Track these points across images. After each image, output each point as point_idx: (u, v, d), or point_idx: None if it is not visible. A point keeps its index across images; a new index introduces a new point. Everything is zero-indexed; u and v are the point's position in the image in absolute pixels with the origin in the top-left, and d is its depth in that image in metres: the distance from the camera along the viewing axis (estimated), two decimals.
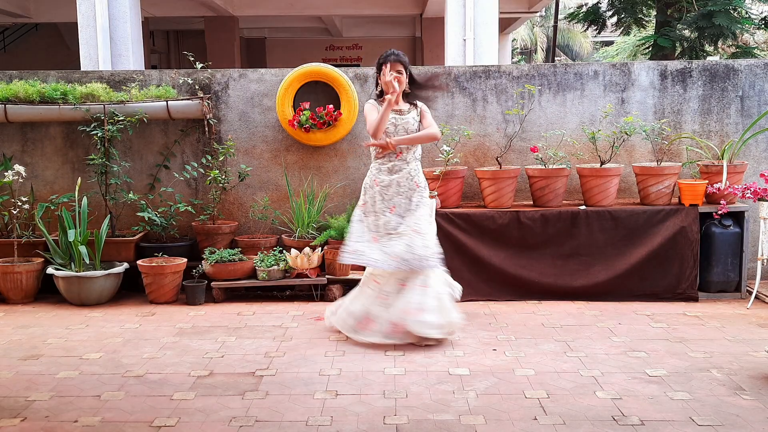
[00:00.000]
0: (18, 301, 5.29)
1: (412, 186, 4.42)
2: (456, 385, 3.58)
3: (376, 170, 4.46)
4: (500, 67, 5.79)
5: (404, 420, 3.19)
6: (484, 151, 5.78)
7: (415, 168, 4.47)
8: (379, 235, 4.39)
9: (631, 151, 5.75)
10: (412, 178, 4.43)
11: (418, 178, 4.46)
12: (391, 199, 4.40)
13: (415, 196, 4.42)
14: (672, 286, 5.16)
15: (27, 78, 5.76)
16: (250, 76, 5.80)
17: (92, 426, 3.16)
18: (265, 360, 3.98)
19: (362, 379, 3.68)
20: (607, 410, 3.27)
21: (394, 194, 4.40)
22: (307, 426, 3.14)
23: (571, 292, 5.16)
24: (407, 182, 4.42)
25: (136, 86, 5.67)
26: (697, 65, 5.76)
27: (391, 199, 4.40)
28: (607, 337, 4.34)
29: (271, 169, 5.85)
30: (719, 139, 5.74)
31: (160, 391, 3.54)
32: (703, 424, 3.12)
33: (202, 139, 5.81)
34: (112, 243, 5.44)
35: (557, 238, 5.20)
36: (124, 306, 5.19)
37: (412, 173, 4.44)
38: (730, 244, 5.18)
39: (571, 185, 5.67)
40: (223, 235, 5.57)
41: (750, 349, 4.09)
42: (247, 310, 5.05)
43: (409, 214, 4.39)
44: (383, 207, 4.41)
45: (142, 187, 5.82)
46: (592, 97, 5.76)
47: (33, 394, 3.53)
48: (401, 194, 4.41)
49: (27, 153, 5.83)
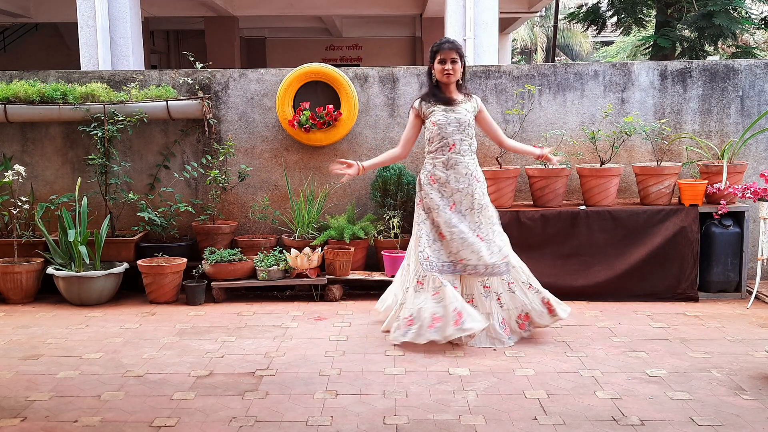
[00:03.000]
0: (18, 301, 5.29)
1: (472, 181, 4.25)
2: (456, 385, 3.58)
3: (431, 166, 4.29)
4: (500, 67, 5.79)
5: (404, 420, 3.19)
6: (484, 151, 5.78)
7: (473, 162, 4.30)
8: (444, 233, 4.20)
9: (631, 151, 5.76)
10: (471, 172, 4.26)
11: (477, 172, 4.29)
12: (451, 196, 4.24)
13: (477, 192, 4.25)
14: (672, 286, 5.17)
15: (27, 78, 5.76)
16: (250, 76, 5.80)
17: (92, 426, 3.16)
18: (265, 360, 3.98)
19: (362, 379, 3.68)
20: (607, 410, 3.27)
21: (454, 190, 4.24)
22: (307, 426, 3.14)
23: (571, 292, 5.16)
24: (466, 177, 4.24)
25: (136, 86, 5.67)
26: (697, 65, 5.76)
27: (451, 196, 4.24)
28: (607, 337, 4.34)
29: (271, 169, 5.85)
30: (719, 139, 5.74)
31: (160, 391, 3.54)
32: (703, 424, 3.12)
33: (202, 139, 5.81)
34: (112, 243, 5.44)
35: (557, 238, 5.20)
36: (124, 306, 5.19)
37: (470, 167, 4.27)
38: (730, 244, 5.18)
39: (571, 185, 5.67)
40: (223, 235, 5.57)
41: (750, 349, 4.09)
42: (247, 310, 5.05)
43: (471, 214, 4.24)
44: (443, 204, 4.23)
45: (142, 187, 5.82)
46: (592, 97, 5.76)
47: (33, 394, 3.52)
48: (461, 190, 4.23)
49: (27, 153, 5.83)
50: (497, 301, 4.26)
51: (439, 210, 4.22)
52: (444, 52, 4.25)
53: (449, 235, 4.19)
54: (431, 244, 4.22)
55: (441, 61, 4.26)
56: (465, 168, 4.25)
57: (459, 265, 4.20)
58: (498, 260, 4.20)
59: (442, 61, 4.25)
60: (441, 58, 4.26)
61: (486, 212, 4.29)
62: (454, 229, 4.18)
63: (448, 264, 4.21)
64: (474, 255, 4.17)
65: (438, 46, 4.29)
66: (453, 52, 4.25)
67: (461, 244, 4.17)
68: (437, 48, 4.29)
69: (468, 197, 4.25)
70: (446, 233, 4.19)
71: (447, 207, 4.23)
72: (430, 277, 4.15)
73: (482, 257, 4.16)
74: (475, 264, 4.18)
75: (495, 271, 4.20)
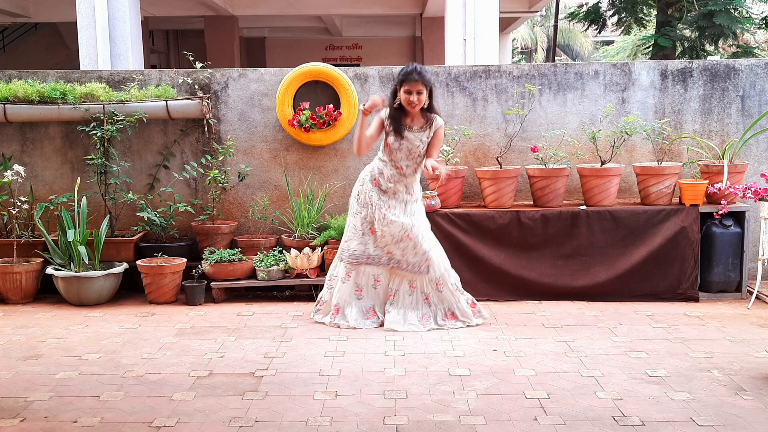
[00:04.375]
0: (17, 302, 5.29)
1: (406, 196, 4.60)
2: (456, 386, 3.57)
3: (378, 171, 4.61)
4: (500, 67, 5.78)
5: (404, 420, 3.18)
6: (485, 151, 5.77)
7: (413, 180, 4.63)
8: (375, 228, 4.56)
9: (632, 151, 5.75)
10: (408, 189, 4.61)
11: (413, 189, 4.64)
12: (388, 200, 4.57)
13: (409, 202, 4.60)
14: (672, 286, 5.16)
15: (26, 78, 5.75)
16: (250, 75, 5.79)
17: (91, 426, 3.16)
18: (265, 360, 3.97)
19: (362, 379, 3.68)
20: (607, 411, 3.26)
21: (391, 197, 4.58)
22: (307, 426, 3.13)
23: (572, 293, 5.16)
24: (402, 192, 4.59)
25: (135, 86, 5.66)
26: (698, 65, 5.75)
27: (387, 200, 4.57)
28: (607, 338, 4.33)
29: (271, 169, 5.84)
30: (720, 139, 5.73)
31: (159, 392, 3.53)
32: (704, 424, 3.12)
33: (201, 138, 5.81)
34: (112, 243, 5.43)
35: (557, 238, 5.19)
36: (123, 306, 5.18)
37: (409, 185, 4.61)
38: (731, 244, 5.18)
39: (572, 185, 5.67)
40: (223, 235, 5.57)
41: (751, 350, 4.08)
42: (247, 310, 5.04)
43: (405, 216, 4.56)
44: (380, 203, 4.55)
45: (142, 187, 5.81)
46: (592, 96, 5.75)
47: (32, 394, 3.52)
48: (397, 198, 4.59)
49: (26, 153, 5.83)
50: (425, 301, 4.62)
51: (375, 208, 4.55)
52: (410, 83, 4.35)
53: (380, 232, 4.53)
54: (360, 237, 4.58)
55: (407, 92, 4.38)
56: (404, 186, 4.59)
57: (384, 257, 4.58)
58: (420, 260, 4.54)
59: (408, 92, 4.38)
60: (407, 88, 4.37)
61: (418, 216, 4.60)
62: (386, 229, 4.51)
63: (374, 256, 4.58)
64: (399, 251, 4.54)
65: (405, 75, 4.37)
66: (419, 84, 4.35)
67: (390, 239, 4.53)
68: (404, 78, 4.37)
69: (402, 204, 4.59)
70: (378, 230, 4.53)
71: (384, 207, 4.55)
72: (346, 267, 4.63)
73: (406, 254, 4.53)
74: (398, 259, 4.56)
75: (416, 269, 4.56)
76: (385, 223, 4.51)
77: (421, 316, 4.58)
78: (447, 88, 5.74)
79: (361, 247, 4.58)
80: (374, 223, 4.55)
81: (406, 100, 4.39)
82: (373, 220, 4.55)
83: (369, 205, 4.57)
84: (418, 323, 4.54)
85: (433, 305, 4.63)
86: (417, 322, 4.54)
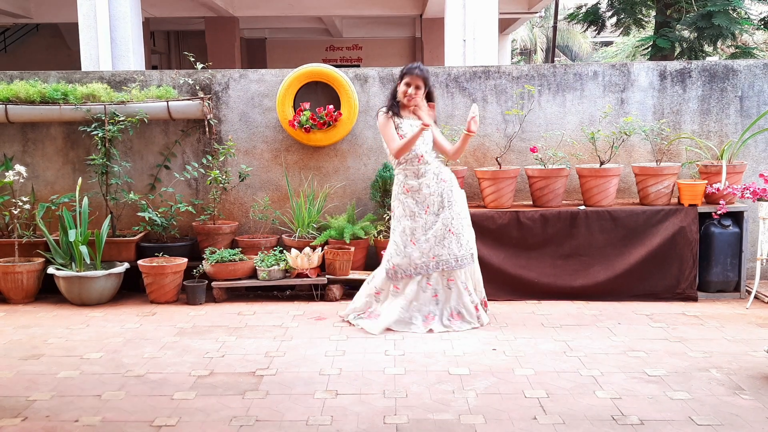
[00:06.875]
0: (19, 301, 5.30)
1: (439, 182, 4.58)
2: (456, 385, 3.59)
3: (403, 176, 4.62)
4: (500, 68, 5.80)
5: (404, 420, 3.20)
6: (484, 151, 5.79)
7: (438, 165, 4.63)
8: (416, 238, 4.56)
9: (631, 152, 5.77)
10: (437, 175, 4.59)
11: (442, 173, 4.61)
12: (424, 201, 4.57)
13: (444, 191, 4.58)
14: (671, 286, 5.17)
15: (28, 78, 5.77)
16: (251, 76, 5.81)
17: (93, 425, 3.17)
18: (266, 360, 3.99)
19: (362, 378, 3.69)
20: (606, 410, 3.28)
21: (427, 195, 4.57)
22: (308, 425, 3.15)
23: (571, 292, 5.17)
24: (435, 183, 4.58)
25: (136, 86, 5.68)
26: (697, 66, 5.77)
27: (424, 201, 4.57)
28: (606, 337, 4.35)
29: (272, 169, 5.86)
30: (718, 140, 5.75)
31: (160, 391, 3.55)
32: (703, 423, 3.13)
33: (202, 139, 5.82)
34: (113, 243, 5.45)
35: (557, 238, 5.21)
36: (124, 306, 5.20)
37: (436, 171, 4.60)
38: (730, 244, 5.19)
39: (571, 185, 5.68)
40: (224, 235, 5.58)
41: (749, 349, 4.10)
42: (248, 309, 5.06)
43: (443, 211, 4.57)
44: (418, 210, 4.57)
45: (143, 187, 5.83)
46: (591, 97, 5.77)
47: (34, 393, 3.53)
48: (432, 193, 4.57)
49: (28, 153, 5.84)
50: (434, 298, 4.59)
51: (415, 216, 4.57)
52: (411, 77, 4.53)
53: (423, 238, 4.54)
54: (402, 250, 4.58)
55: (407, 84, 4.54)
56: (432, 174, 4.59)
57: (432, 262, 4.55)
58: (466, 252, 4.58)
59: (407, 84, 4.53)
60: (407, 81, 4.54)
61: (456, 207, 4.60)
62: (429, 233, 4.54)
63: (420, 266, 4.56)
64: (445, 250, 4.54)
65: (408, 69, 4.57)
66: (419, 80, 4.53)
67: (434, 241, 4.54)
68: (407, 71, 4.56)
69: (438, 198, 4.58)
70: (420, 237, 4.55)
71: (422, 212, 4.58)
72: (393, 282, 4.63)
73: (452, 250, 4.54)
74: (446, 258, 4.54)
75: (463, 263, 4.57)
76: (427, 227, 4.54)
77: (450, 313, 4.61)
78: (447, 89, 5.76)
79: (406, 260, 4.57)
80: (415, 232, 4.56)
81: (403, 93, 4.53)
82: (415, 228, 4.56)
83: (412, 216, 4.57)
84: (463, 322, 4.57)
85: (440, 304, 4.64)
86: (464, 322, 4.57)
